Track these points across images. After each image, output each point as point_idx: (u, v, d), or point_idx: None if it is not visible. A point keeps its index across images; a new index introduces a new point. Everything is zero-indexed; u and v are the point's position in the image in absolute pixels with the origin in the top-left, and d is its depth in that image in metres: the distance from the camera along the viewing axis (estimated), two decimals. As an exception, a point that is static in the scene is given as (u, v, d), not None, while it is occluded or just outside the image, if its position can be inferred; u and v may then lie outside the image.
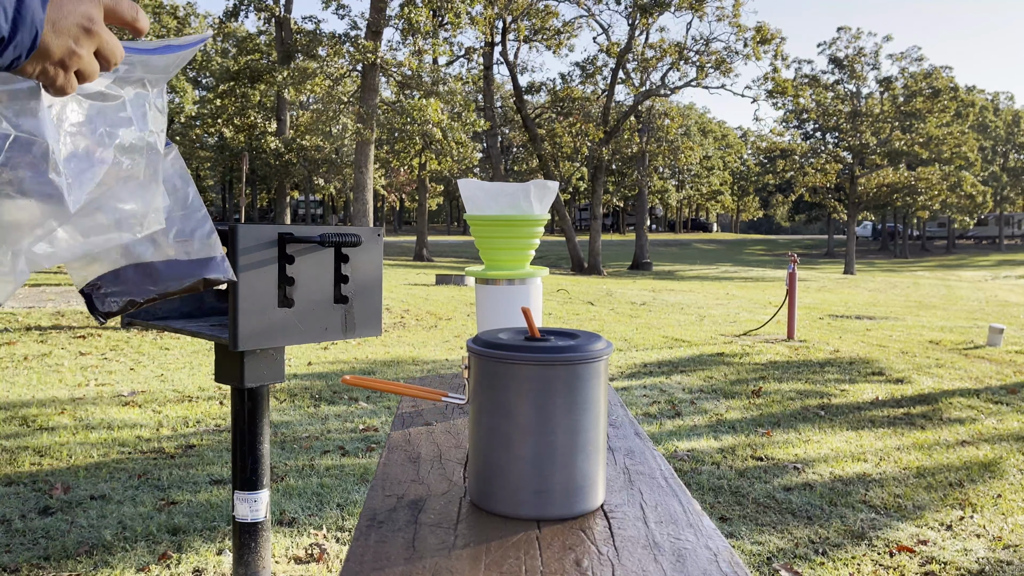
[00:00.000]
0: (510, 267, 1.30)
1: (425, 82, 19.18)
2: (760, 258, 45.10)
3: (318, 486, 3.60)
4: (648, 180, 32.39)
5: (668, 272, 29.64)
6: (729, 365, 7.04)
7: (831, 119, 34.06)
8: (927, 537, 3.16)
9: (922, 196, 33.46)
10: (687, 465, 4.06)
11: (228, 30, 27.86)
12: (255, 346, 1.75)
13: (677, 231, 78.26)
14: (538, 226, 1.30)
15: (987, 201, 36.68)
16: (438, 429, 1.31)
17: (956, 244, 60.15)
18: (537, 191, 1.27)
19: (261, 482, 1.99)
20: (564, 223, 27.36)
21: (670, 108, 31.45)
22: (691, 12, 26.00)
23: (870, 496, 3.64)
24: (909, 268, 38.10)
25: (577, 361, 0.90)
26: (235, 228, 1.69)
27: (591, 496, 0.93)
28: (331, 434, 4.50)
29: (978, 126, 49.06)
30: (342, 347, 7.53)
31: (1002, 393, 5.96)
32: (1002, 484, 3.86)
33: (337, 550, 2.95)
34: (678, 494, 1.00)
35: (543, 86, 29.42)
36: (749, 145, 54.75)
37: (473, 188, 1.26)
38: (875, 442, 4.58)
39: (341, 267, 1.88)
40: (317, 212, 62.68)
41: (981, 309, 13.97)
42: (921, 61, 34.60)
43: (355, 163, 18.14)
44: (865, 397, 5.79)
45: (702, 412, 5.24)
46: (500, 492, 0.92)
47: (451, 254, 34.96)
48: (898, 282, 24.10)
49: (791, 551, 3.01)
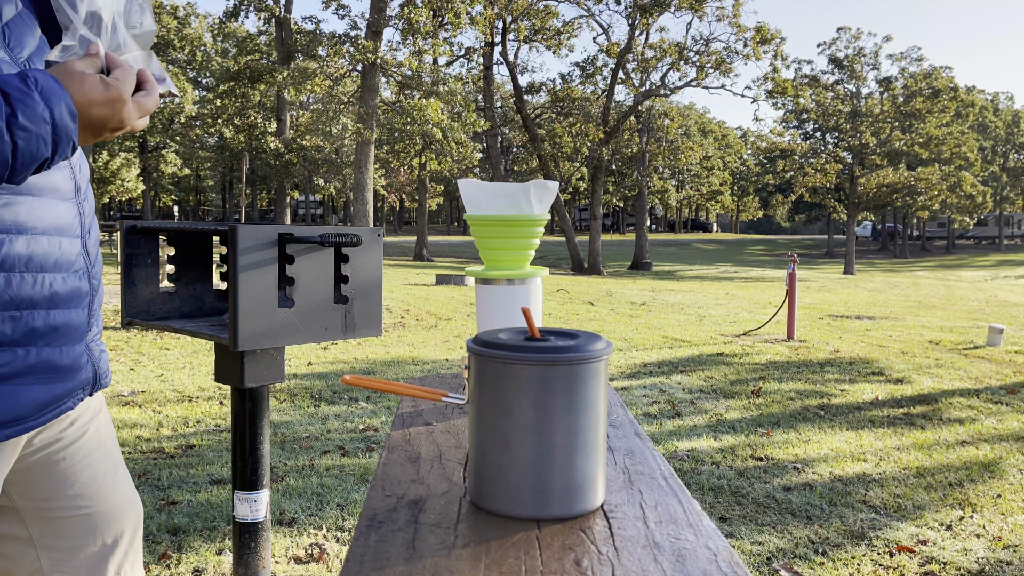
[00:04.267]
0: (510, 267, 1.30)
1: (425, 82, 19.18)
2: (760, 258, 45.10)
3: (318, 486, 3.60)
4: (648, 180, 32.39)
5: (668, 272, 29.64)
6: (729, 365, 7.04)
7: (831, 119, 34.06)
8: (927, 537, 3.16)
9: (922, 196, 33.46)
10: (687, 465, 4.06)
11: (228, 30, 27.87)
12: (255, 346, 1.75)
13: (677, 231, 78.27)
14: (538, 226, 1.30)
15: (987, 201, 36.69)
16: (438, 429, 1.31)
17: (956, 244, 60.15)
18: (537, 191, 1.27)
19: (261, 482, 1.99)
20: (564, 223, 27.36)
21: (670, 108, 31.47)
22: (691, 12, 26.00)
23: (870, 496, 3.64)
24: (909, 268, 38.10)
25: (577, 361, 0.90)
26: (235, 228, 1.69)
27: (591, 496, 0.93)
28: (331, 434, 4.50)
29: (978, 126, 49.08)
30: (342, 347, 7.53)
31: (1002, 393, 5.96)
32: (1002, 484, 3.86)
33: (337, 550, 2.95)
34: (678, 494, 1.00)
35: (543, 86, 29.40)
36: (749, 145, 54.80)
37: (473, 188, 1.26)
38: (875, 442, 4.58)
39: (341, 267, 1.88)
40: (317, 212, 62.68)
41: (981, 309, 13.97)
42: (921, 61, 34.61)
43: (355, 163, 18.14)
44: (865, 397, 5.79)
45: (702, 412, 5.24)
46: (500, 492, 0.92)
47: (451, 254, 34.96)
48: (898, 282, 24.10)
49: (791, 551, 3.01)
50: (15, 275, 0.96)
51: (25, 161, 0.84)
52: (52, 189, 1.02)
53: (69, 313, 1.05)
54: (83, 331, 1.08)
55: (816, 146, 36.62)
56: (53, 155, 0.86)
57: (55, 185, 1.03)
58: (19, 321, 0.97)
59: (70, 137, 0.86)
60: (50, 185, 1.02)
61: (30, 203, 0.98)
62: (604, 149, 26.84)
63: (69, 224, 1.05)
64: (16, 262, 0.96)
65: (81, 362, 1.08)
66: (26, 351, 0.98)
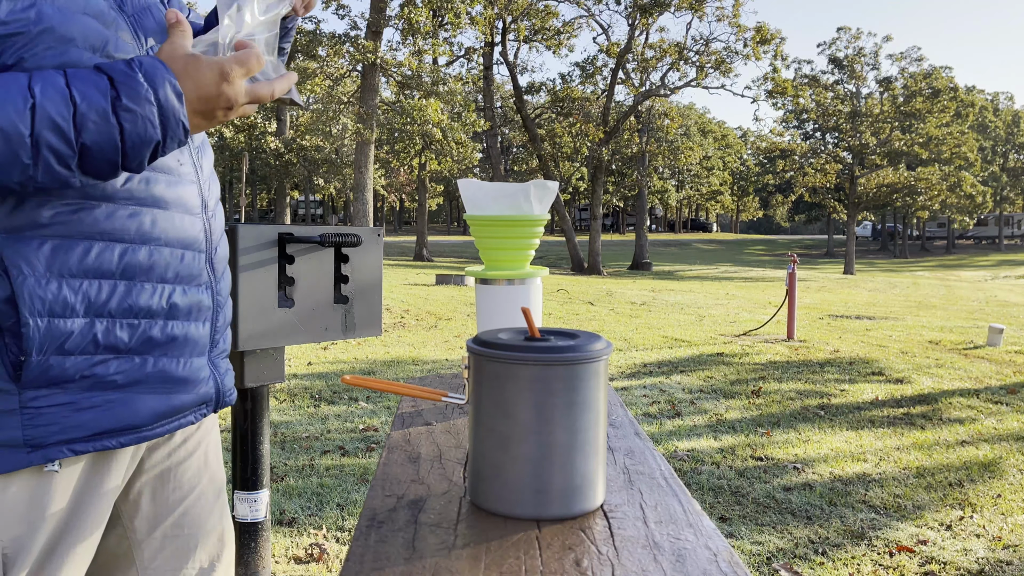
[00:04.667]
0: (510, 267, 1.30)
1: (425, 82, 19.17)
2: (760, 258, 45.10)
3: (318, 486, 3.60)
4: (648, 180, 32.39)
5: (668, 272, 29.64)
6: (729, 365, 7.04)
7: (831, 119, 34.06)
8: (927, 537, 3.16)
9: (922, 196, 33.47)
10: (687, 465, 4.06)
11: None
12: (255, 346, 1.75)
13: (677, 231, 78.27)
14: (538, 226, 1.30)
15: (987, 201, 36.71)
16: (438, 429, 1.31)
17: (956, 244, 60.15)
18: (537, 191, 1.27)
19: (261, 482, 1.99)
20: (564, 223, 27.36)
21: (670, 108, 31.46)
22: (691, 12, 26.00)
23: (870, 496, 3.64)
24: (909, 268, 38.10)
25: (577, 361, 0.90)
26: (235, 228, 1.69)
27: (591, 496, 0.93)
28: (331, 434, 4.50)
29: (978, 126, 49.08)
30: (342, 347, 7.53)
31: (1002, 393, 5.96)
32: (1002, 484, 3.86)
33: (337, 550, 2.95)
34: (678, 494, 1.00)
35: (543, 86, 29.42)
36: (749, 145, 54.79)
37: (473, 188, 1.26)
38: (875, 442, 4.58)
39: (341, 267, 1.88)
40: (317, 212, 62.68)
41: (981, 309, 13.97)
42: (921, 61, 34.62)
43: (355, 163, 18.14)
44: (865, 397, 5.79)
45: (702, 412, 5.24)
46: (500, 492, 0.92)
47: (451, 254, 34.96)
48: (898, 282, 24.10)
49: (791, 551, 3.01)
50: (135, 284, 0.97)
51: (135, 144, 0.84)
52: (179, 203, 1.03)
53: (188, 326, 1.04)
54: (204, 345, 1.08)
55: (816, 146, 36.62)
56: (165, 138, 0.85)
57: (183, 199, 1.04)
58: (136, 329, 0.97)
59: (178, 118, 0.85)
60: (177, 198, 1.03)
61: (155, 215, 0.99)
62: (604, 149, 26.84)
63: (195, 238, 1.05)
64: (137, 271, 0.97)
65: (201, 376, 1.07)
66: (143, 360, 0.98)
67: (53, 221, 0.90)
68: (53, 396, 0.91)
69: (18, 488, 0.91)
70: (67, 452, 0.92)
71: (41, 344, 0.89)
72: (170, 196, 1.02)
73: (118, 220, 0.95)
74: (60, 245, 0.90)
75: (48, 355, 0.90)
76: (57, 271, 0.90)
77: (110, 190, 0.94)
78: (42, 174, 0.81)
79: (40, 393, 0.90)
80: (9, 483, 0.91)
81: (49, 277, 0.89)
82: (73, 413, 0.93)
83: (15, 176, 0.80)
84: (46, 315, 0.89)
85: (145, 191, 0.98)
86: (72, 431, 0.92)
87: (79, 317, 0.92)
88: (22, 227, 0.88)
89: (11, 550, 0.91)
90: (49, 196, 0.90)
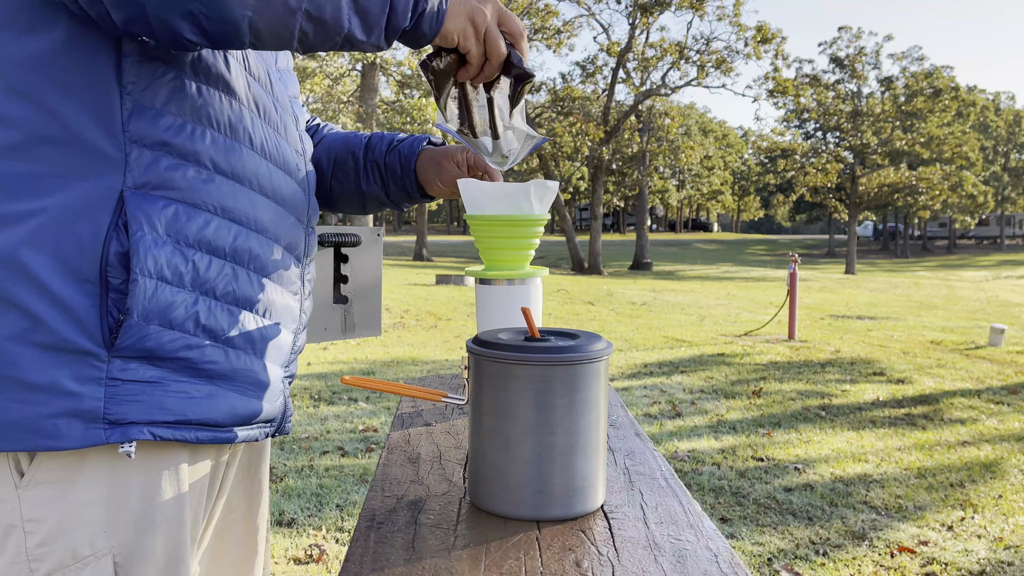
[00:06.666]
0: (510, 267, 1.30)
1: (424, 82, 19.18)
2: (761, 258, 45.10)
3: (317, 487, 3.60)
4: (648, 180, 32.40)
5: (669, 272, 29.64)
6: (730, 365, 7.04)
7: (832, 119, 34.06)
8: (928, 538, 3.16)
9: (923, 196, 33.47)
10: (688, 466, 4.05)
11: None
12: (255, 346, 1.75)
13: (678, 231, 78.29)
14: (538, 226, 1.30)
15: (988, 201, 36.71)
16: (438, 429, 1.31)
17: (957, 244, 60.15)
18: (537, 191, 1.27)
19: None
20: (564, 223, 27.37)
21: (670, 108, 31.44)
22: (691, 11, 26.01)
23: (871, 497, 3.63)
24: (910, 268, 38.09)
25: (577, 361, 0.90)
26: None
27: (591, 497, 0.92)
28: (331, 434, 4.50)
29: (979, 126, 49.09)
30: (342, 347, 7.53)
31: (1003, 393, 5.95)
32: (1003, 484, 3.85)
33: (336, 551, 2.95)
34: (678, 495, 0.99)
35: (543, 86, 29.42)
36: (750, 145, 54.76)
37: (473, 188, 1.26)
38: (876, 442, 4.58)
39: (340, 267, 1.87)
40: (317, 212, 62.61)
41: (982, 309, 13.96)
42: (922, 61, 34.62)
43: (355, 163, 18.14)
44: (866, 397, 5.78)
45: (702, 412, 5.24)
46: (500, 493, 0.91)
47: (451, 254, 34.97)
48: (899, 282, 24.09)
49: (792, 552, 3.01)
50: (241, 269, 0.95)
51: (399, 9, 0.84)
52: (292, 202, 1.04)
53: (278, 329, 1.02)
54: (286, 356, 1.04)
55: (817, 146, 36.61)
56: (417, 24, 0.86)
57: (295, 199, 1.05)
58: (235, 317, 0.94)
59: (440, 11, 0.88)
60: (292, 196, 1.04)
61: (271, 207, 0.99)
62: (604, 149, 26.85)
63: (296, 244, 1.05)
64: (246, 258, 0.95)
65: (276, 388, 1.02)
66: (236, 354, 0.94)
67: (183, 186, 0.88)
68: (143, 370, 0.85)
69: (91, 469, 0.85)
70: (147, 434, 0.85)
71: (145, 309, 0.84)
72: (286, 192, 1.02)
73: (239, 201, 0.94)
74: (183, 211, 0.87)
75: (149, 323, 0.85)
76: (174, 236, 0.87)
77: (239, 168, 0.93)
78: None
79: (130, 366, 0.85)
80: (82, 461, 0.84)
81: (166, 239, 0.86)
82: (160, 393, 0.86)
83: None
84: (156, 277, 0.85)
85: (268, 181, 0.98)
86: (156, 413, 0.86)
87: (186, 289, 0.88)
88: (152, 185, 0.86)
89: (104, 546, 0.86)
90: (186, 160, 0.88)
